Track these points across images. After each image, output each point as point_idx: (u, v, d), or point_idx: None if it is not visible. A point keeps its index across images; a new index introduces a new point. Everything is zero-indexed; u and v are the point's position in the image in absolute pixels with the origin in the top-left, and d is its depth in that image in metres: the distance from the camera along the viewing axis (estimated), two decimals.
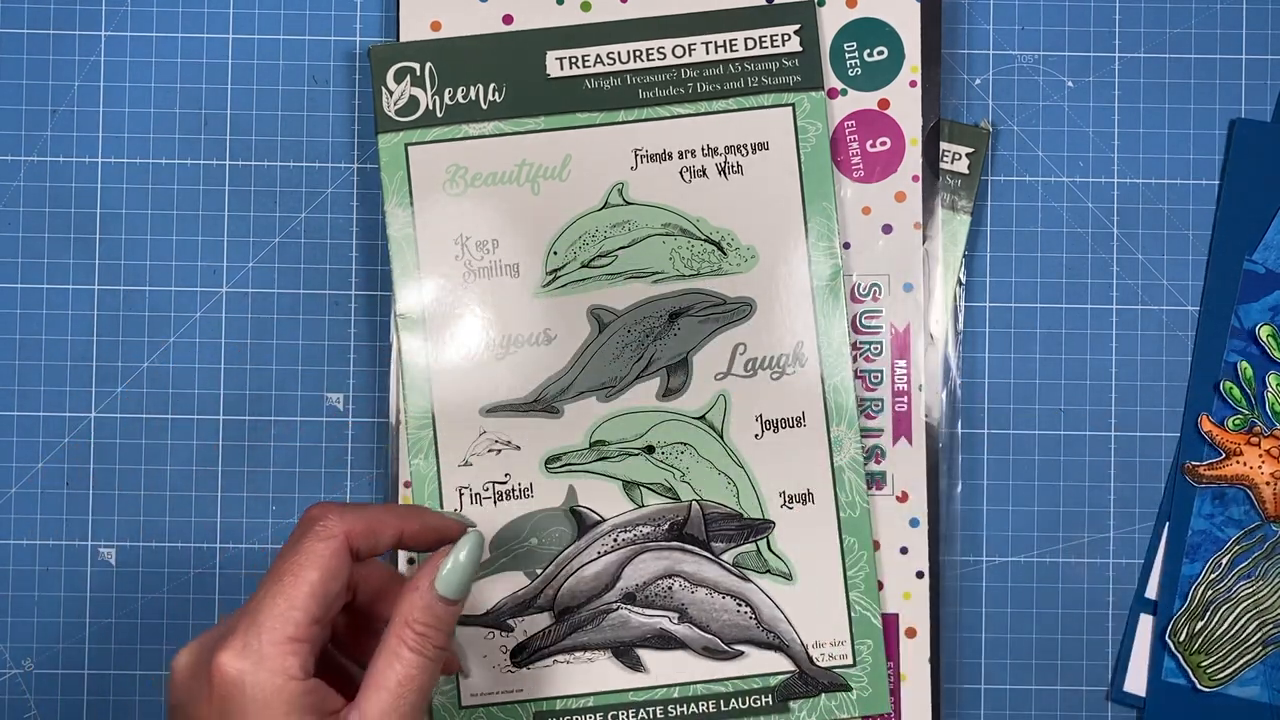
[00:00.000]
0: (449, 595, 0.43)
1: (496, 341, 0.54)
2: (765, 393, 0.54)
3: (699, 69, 0.54)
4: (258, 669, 0.40)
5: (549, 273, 0.54)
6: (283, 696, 0.40)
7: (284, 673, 0.40)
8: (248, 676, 0.40)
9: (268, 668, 0.40)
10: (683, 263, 0.54)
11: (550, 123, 0.54)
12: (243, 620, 0.41)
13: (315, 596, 0.41)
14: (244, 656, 0.40)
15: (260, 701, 0.40)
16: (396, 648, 0.42)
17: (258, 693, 0.40)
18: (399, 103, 0.54)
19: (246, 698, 0.40)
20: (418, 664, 0.42)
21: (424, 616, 0.43)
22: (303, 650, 0.41)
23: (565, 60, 0.54)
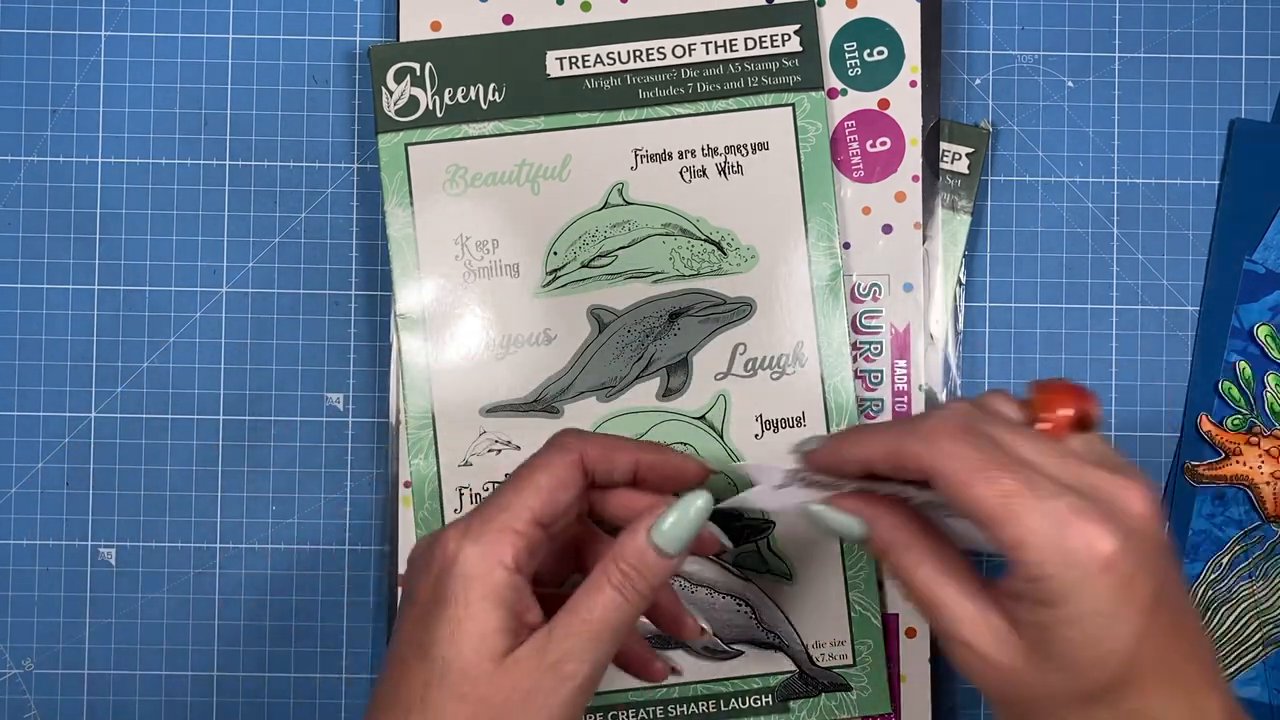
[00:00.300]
0: (663, 547, 0.43)
1: (496, 341, 0.54)
2: (765, 393, 0.54)
3: (699, 69, 0.54)
4: (473, 547, 0.41)
5: (549, 273, 0.54)
6: (490, 580, 0.41)
7: (495, 557, 0.41)
8: (463, 553, 0.41)
9: (482, 548, 0.41)
10: (683, 263, 0.54)
11: (550, 123, 0.54)
12: (474, 512, 0.43)
13: (540, 495, 0.43)
14: (464, 536, 0.42)
15: (467, 578, 0.41)
16: (600, 581, 0.42)
17: (467, 568, 0.41)
18: (399, 103, 0.54)
19: (456, 573, 0.41)
20: (615, 602, 0.42)
21: (633, 559, 0.42)
22: (518, 543, 0.42)
23: (565, 60, 0.54)
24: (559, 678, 0.41)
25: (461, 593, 0.41)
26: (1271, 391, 0.56)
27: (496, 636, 0.41)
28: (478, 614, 0.41)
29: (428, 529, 0.53)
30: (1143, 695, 0.38)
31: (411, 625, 0.42)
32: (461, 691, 0.41)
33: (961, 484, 0.39)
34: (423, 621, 0.42)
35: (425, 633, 0.41)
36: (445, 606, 0.41)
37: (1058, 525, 0.37)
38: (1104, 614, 0.37)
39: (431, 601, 0.42)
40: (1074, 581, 0.37)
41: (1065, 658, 0.38)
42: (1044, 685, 0.39)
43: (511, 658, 0.41)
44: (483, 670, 0.41)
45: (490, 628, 0.41)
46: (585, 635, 0.42)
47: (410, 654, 0.41)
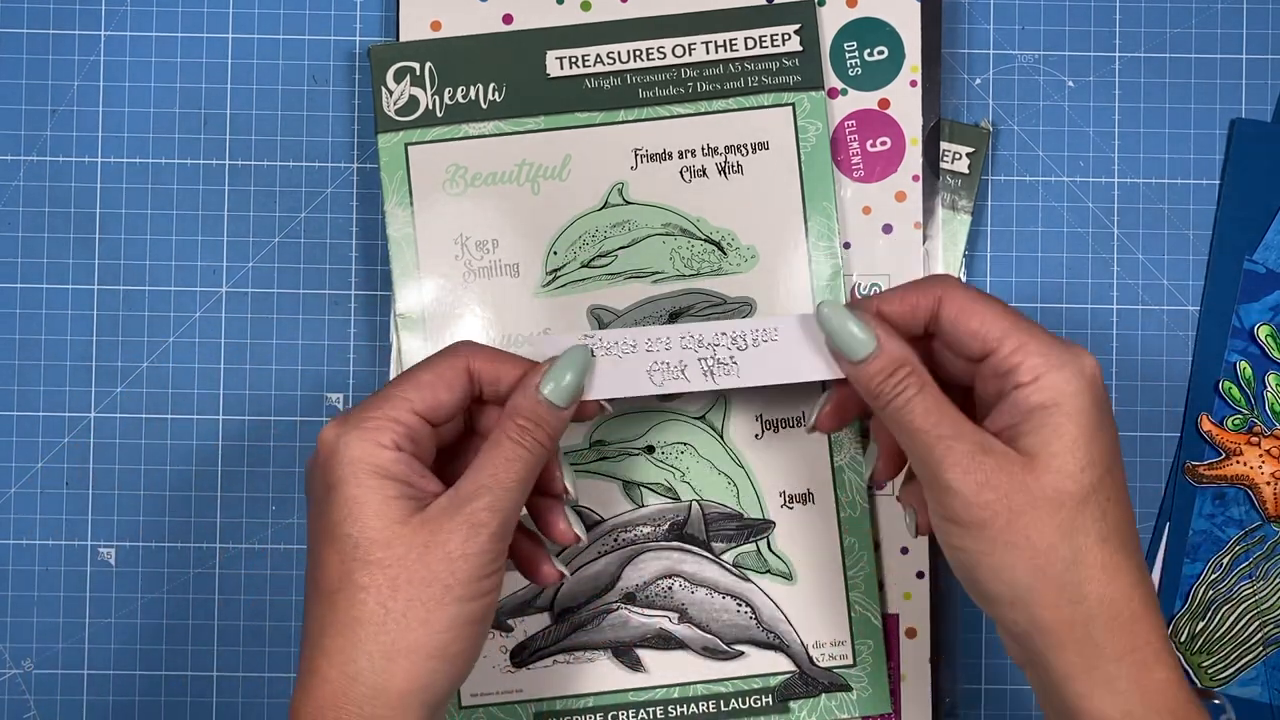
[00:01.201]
0: (553, 399, 0.45)
1: (496, 341, 0.54)
2: (765, 392, 0.54)
3: (699, 69, 0.54)
4: (352, 433, 0.43)
5: (549, 272, 0.54)
6: (374, 459, 0.42)
7: (374, 440, 0.43)
8: (342, 440, 0.43)
9: (360, 433, 0.43)
10: (683, 263, 0.54)
11: (550, 122, 0.54)
12: (354, 408, 0.44)
13: (420, 390, 0.44)
14: (342, 426, 0.43)
15: (353, 460, 0.42)
16: (499, 438, 0.44)
17: (350, 452, 0.42)
18: (399, 102, 0.54)
19: (341, 459, 0.43)
20: (517, 454, 0.44)
21: (528, 413, 0.44)
22: (396, 429, 0.43)
23: (565, 60, 0.54)
24: (473, 526, 0.42)
25: (350, 475, 0.42)
26: (1272, 391, 0.56)
27: (396, 503, 0.42)
28: (371, 487, 0.42)
29: None
30: (1112, 505, 0.42)
31: (314, 520, 0.44)
32: (375, 558, 0.42)
33: (970, 303, 0.44)
34: (322, 511, 0.43)
35: (327, 519, 0.42)
36: (337, 489, 0.42)
37: (1052, 343, 0.43)
38: (1092, 421, 0.42)
39: (325, 490, 0.43)
40: (1069, 383, 0.42)
41: (1060, 456, 0.42)
42: (1037, 490, 0.42)
43: (419, 517, 0.42)
44: (392, 533, 0.42)
45: (387, 495, 0.42)
46: (493, 486, 0.43)
47: (320, 544, 0.43)
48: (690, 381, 0.47)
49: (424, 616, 0.42)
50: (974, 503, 0.42)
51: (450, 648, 0.42)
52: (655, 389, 0.47)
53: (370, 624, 0.41)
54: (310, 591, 0.43)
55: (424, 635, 0.42)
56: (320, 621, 0.42)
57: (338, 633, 0.42)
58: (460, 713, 0.53)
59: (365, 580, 0.42)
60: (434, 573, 0.42)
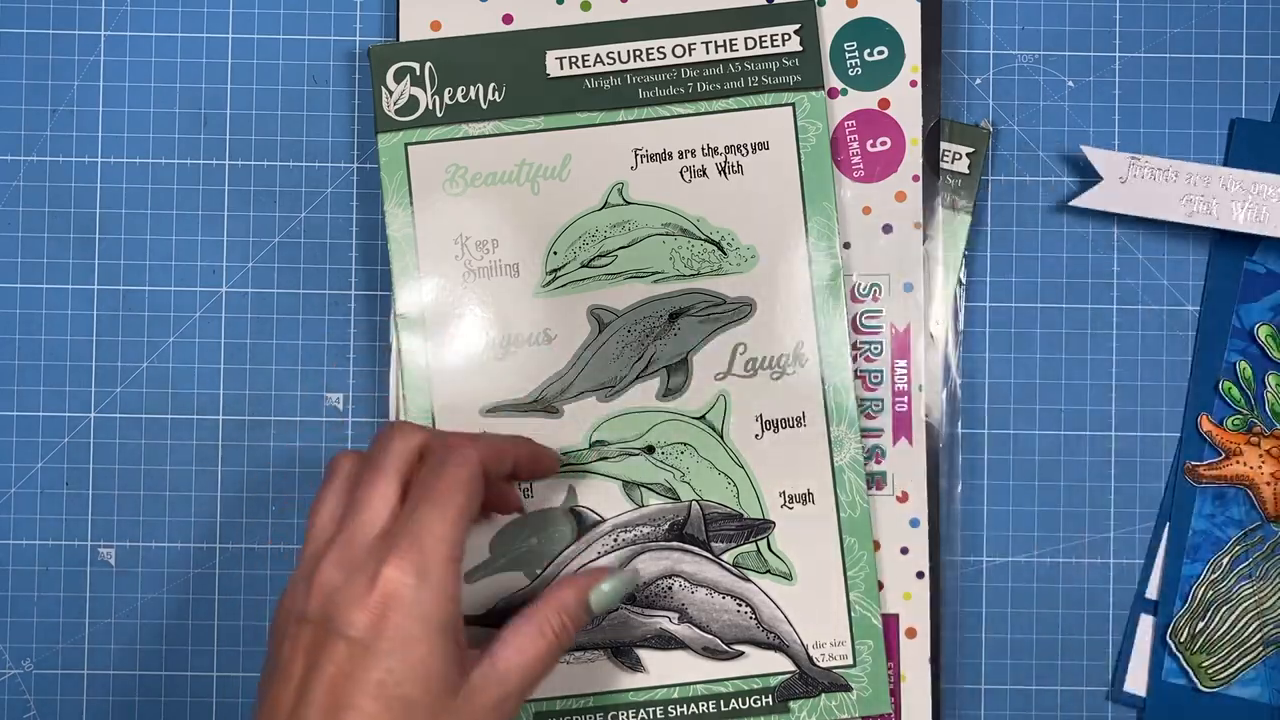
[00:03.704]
0: (596, 610, 0.48)
1: (496, 341, 0.54)
2: (765, 393, 0.54)
3: (699, 69, 0.54)
4: (424, 584, 0.42)
5: (549, 272, 0.54)
6: (443, 615, 0.43)
7: (446, 591, 0.43)
8: (414, 592, 0.42)
9: (433, 584, 0.42)
10: (683, 263, 0.54)
11: (550, 122, 0.54)
12: (406, 541, 0.43)
13: (465, 519, 0.44)
14: (411, 572, 0.42)
15: (422, 617, 0.42)
16: (543, 628, 0.46)
17: (424, 608, 0.42)
18: (399, 102, 0.54)
19: (413, 613, 0.42)
20: (551, 649, 0.46)
21: (573, 612, 0.47)
22: (459, 572, 0.44)
23: (565, 60, 0.54)
24: (500, 714, 0.44)
25: (423, 634, 0.42)
26: (1272, 391, 0.56)
27: (451, 671, 0.43)
28: (438, 652, 0.42)
29: None
30: None
31: (356, 662, 0.42)
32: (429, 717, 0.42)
33: None
34: (373, 661, 0.42)
35: (384, 668, 0.42)
36: (408, 648, 0.42)
37: None
38: None
39: (384, 640, 0.42)
40: None
41: None
42: None
43: (463, 694, 0.43)
44: (442, 707, 0.42)
45: (448, 663, 0.43)
46: (526, 674, 0.45)
47: (360, 692, 0.41)
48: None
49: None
50: None
51: None
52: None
53: None
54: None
55: None
56: None
57: None
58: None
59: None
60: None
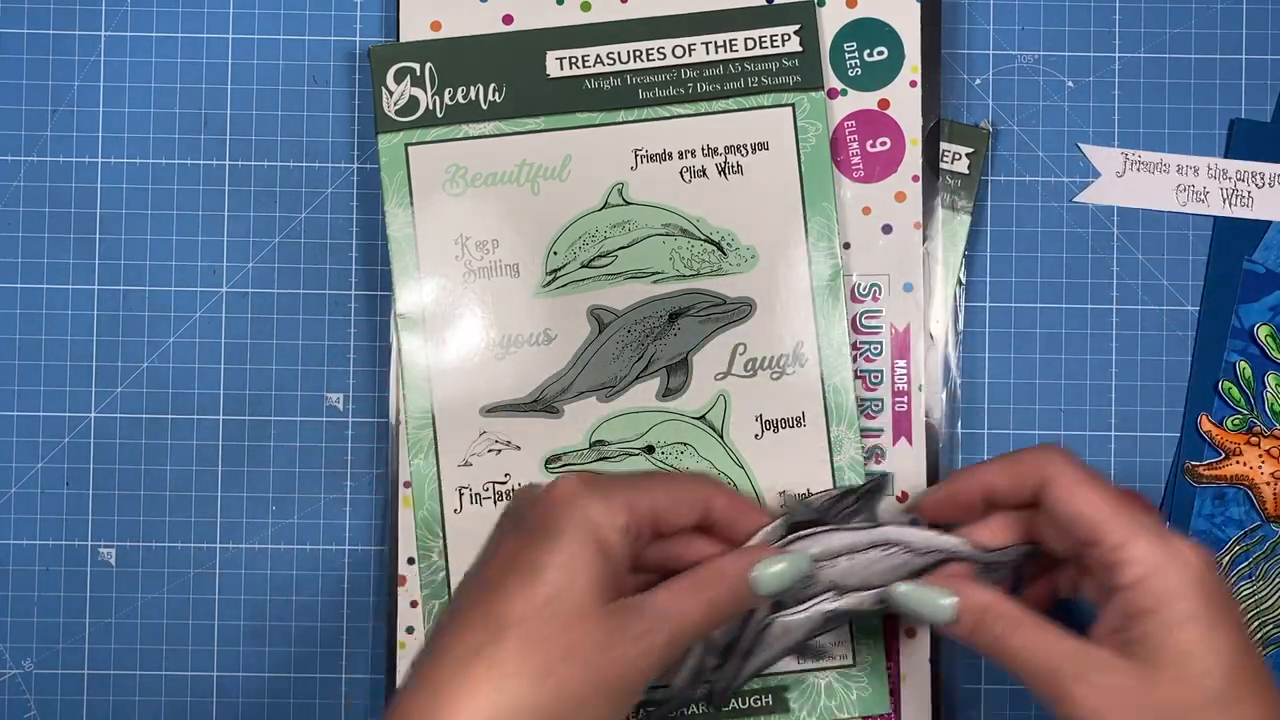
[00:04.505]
0: (761, 589, 0.45)
1: (496, 341, 0.54)
2: (765, 393, 0.54)
3: (699, 69, 0.54)
4: (598, 500, 0.42)
5: (549, 273, 0.54)
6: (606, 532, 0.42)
7: (610, 515, 0.42)
8: (585, 499, 0.42)
9: (605, 504, 0.42)
10: (683, 263, 0.54)
11: (550, 123, 0.54)
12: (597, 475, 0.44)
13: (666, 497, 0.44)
14: (589, 487, 0.42)
15: (588, 523, 0.42)
16: (703, 587, 0.44)
17: (589, 514, 0.42)
18: (399, 103, 0.54)
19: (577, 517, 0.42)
20: (707, 613, 0.44)
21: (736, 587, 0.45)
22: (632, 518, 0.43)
23: (565, 60, 0.54)
24: (650, 648, 0.42)
25: (579, 534, 0.41)
26: (1272, 391, 0.56)
27: (600, 584, 0.41)
28: (591, 558, 0.41)
29: (428, 529, 0.53)
30: (1244, 704, 0.40)
31: (518, 547, 0.42)
32: (564, 621, 0.40)
33: (1076, 485, 0.43)
34: (533, 547, 0.41)
35: (537, 557, 0.41)
36: (562, 537, 0.41)
37: (1159, 534, 0.42)
38: (1204, 621, 0.40)
39: (545, 532, 0.41)
40: (1175, 584, 0.41)
41: (1176, 665, 0.40)
42: (1157, 704, 0.40)
43: (612, 607, 0.41)
44: (587, 610, 0.41)
45: (598, 573, 0.41)
46: (682, 622, 0.43)
47: (513, 572, 0.41)
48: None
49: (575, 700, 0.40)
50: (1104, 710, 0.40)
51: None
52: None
53: (527, 677, 0.40)
54: (470, 610, 0.41)
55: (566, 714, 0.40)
56: (472, 646, 0.40)
57: (491, 667, 0.39)
58: None
59: (545, 634, 0.40)
60: (601, 670, 0.40)
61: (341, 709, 0.56)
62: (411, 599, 0.54)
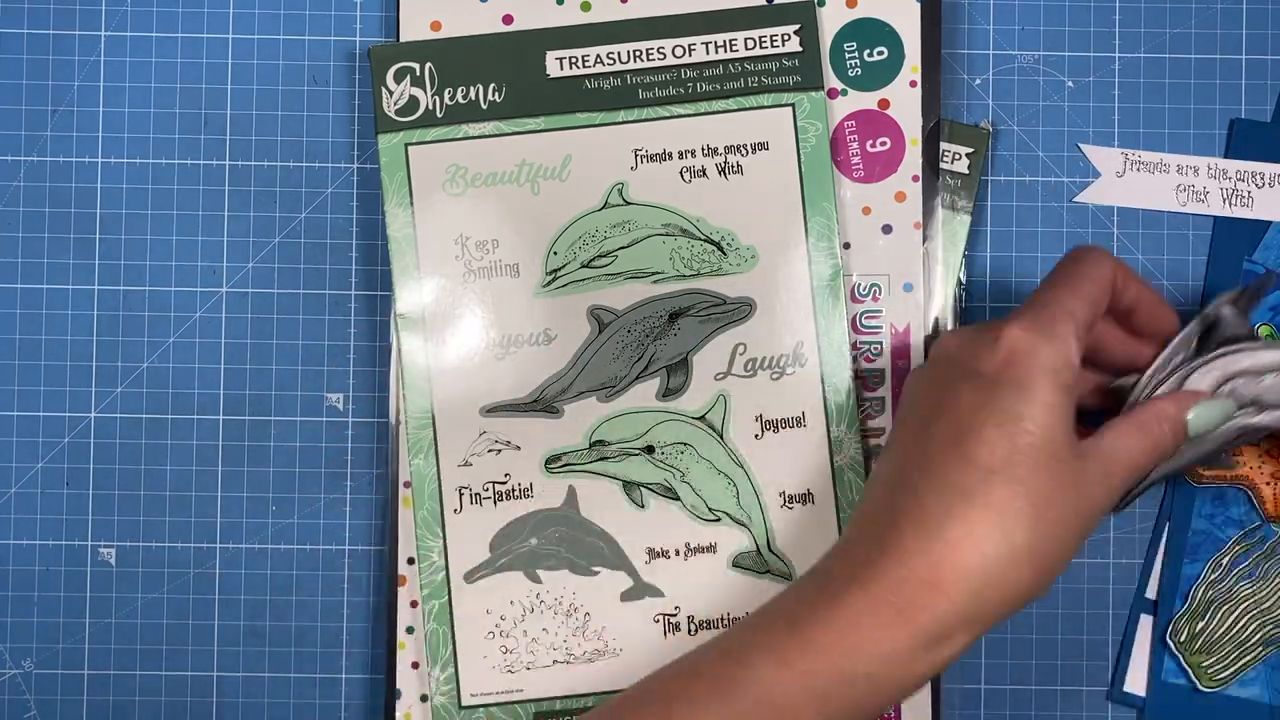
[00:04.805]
0: (1195, 428, 0.48)
1: (496, 341, 0.54)
2: (765, 393, 0.54)
3: (699, 69, 0.54)
4: (1048, 344, 0.44)
5: (549, 273, 0.54)
6: (1064, 374, 0.44)
7: (1066, 355, 0.44)
8: (1039, 347, 0.44)
9: (1055, 346, 0.44)
10: (683, 263, 0.54)
11: (550, 123, 0.54)
12: (1031, 309, 0.45)
13: (1088, 306, 0.46)
14: (1034, 331, 0.44)
15: (1047, 369, 0.44)
16: (1147, 426, 0.47)
17: (1046, 360, 0.44)
18: (399, 103, 0.54)
19: (1036, 365, 0.44)
20: (1153, 448, 0.47)
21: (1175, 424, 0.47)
22: (1078, 347, 0.45)
23: (565, 60, 0.54)
24: (1110, 488, 0.45)
25: (1047, 384, 0.43)
26: None
27: (1069, 425, 0.44)
28: (1065, 401, 0.44)
29: (428, 529, 0.53)
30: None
31: (986, 397, 0.44)
32: (1046, 466, 0.43)
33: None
34: (1005, 396, 0.43)
35: (1012, 405, 0.43)
36: (1035, 389, 0.43)
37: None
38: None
39: (1014, 382, 0.44)
40: None
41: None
42: None
43: (1079, 449, 0.44)
44: (1063, 454, 0.43)
45: (1066, 415, 0.44)
46: (1127, 463, 0.46)
47: (991, 422, 0.43)
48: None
49: (1058, 540, 0.43)
50: None
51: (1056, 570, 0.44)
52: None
53: (1019, 519, 0.42)
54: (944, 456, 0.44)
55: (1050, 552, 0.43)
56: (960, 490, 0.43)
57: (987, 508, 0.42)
58: (461, 712, 0.53)
59: (1029, 479, 0.43)
60: (1077, 510, 0.44)
61: (341, 709, 0.56)
62: (411, 599, 0.54)
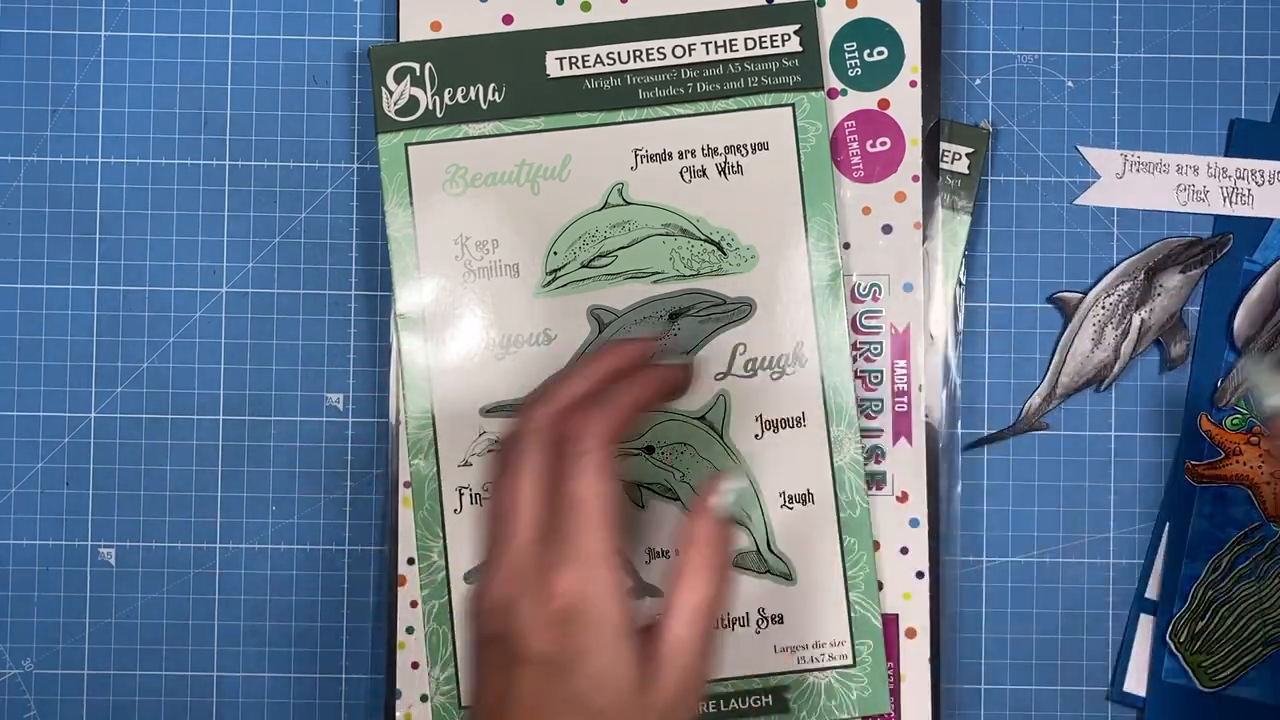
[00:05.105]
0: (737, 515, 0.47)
1: (496, 341, 0.54)
2: (765, 393, 0.54)
3: (699, 69, 0.54)
4: (595, 593, 0.42)
5: (549, 273, 0.54)
6: (618, 617, 0.42)
7: (617, 594, 0.42)
8: (587, 603, 0.42)
9: (604, 591, 0.42)
10: (683, 263, 0.54)
11: (550, 123, 0.54)
12: (565, 543, 0.42)
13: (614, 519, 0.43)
14: (580, 583, 0.42)
15: (599, 626, 0.42)
16: (691, 570, 0.44)
17: (598, 618, 0.42)
18: (399, 103, 0.54)
19: (585, 622, 0.42)
20: (715, 592, 0.44)
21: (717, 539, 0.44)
22: (624, 567, 0.43)
23: (565, 60, 0.54)
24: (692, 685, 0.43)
25: (600, 643, 0.42)
26: None
27: (635, 670, 0.42)
28: (621, 657, 0.42)
29: (428, 529, 0.53)
30: None
31: (546, 685, 0.42)
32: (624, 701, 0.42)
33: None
34: (562, 679, 0.42)
35: (572, 689, 0.42)
36: (588, 658, 0.42)
37: None
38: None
39: (566, 656, 0.42)
40: None
41: None
42: None
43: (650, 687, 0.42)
44: (632, 706, 0.42)
45: (632, 664, 0.42)
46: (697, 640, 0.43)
47: (556, 713, 0.41)
48: None
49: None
50: None
51: None
52: None
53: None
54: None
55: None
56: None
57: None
58: (461, 712, 0.53)
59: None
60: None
61: (341, 709, 0.56)
62: (411, 599, 0.54)
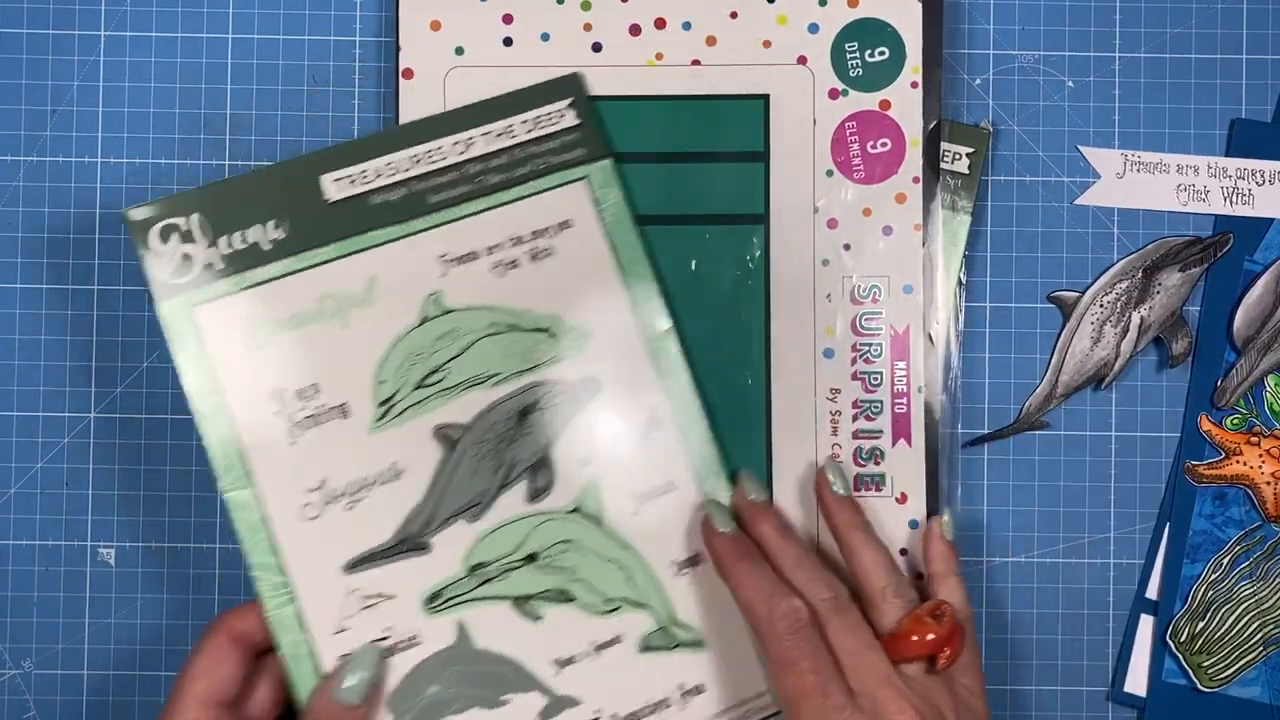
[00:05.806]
0: (353, 701, 0.48)
1: (341, 491, 0.50)
2: (632, 466, 0.52)
3: (483, 161, 0.52)
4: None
5: (381, 404, 0.51)
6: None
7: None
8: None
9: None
10: (518, 358, 0.52)
11: (343, 248, 0.51)
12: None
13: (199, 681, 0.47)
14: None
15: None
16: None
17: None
18: (172, 264, 0.50)
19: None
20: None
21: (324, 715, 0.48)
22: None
23: (343, 180, 0.52)
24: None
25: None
26: (1271, 392, 0.56)
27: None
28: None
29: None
30: None
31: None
32: None
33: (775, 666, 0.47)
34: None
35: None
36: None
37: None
38: None
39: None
40: None
41: None
42: None
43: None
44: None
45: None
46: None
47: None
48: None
49: None
50: None
51: None
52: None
53: None
54: None
55: None
56: None
57: None
58: None
59: None
60: None
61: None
62: None
